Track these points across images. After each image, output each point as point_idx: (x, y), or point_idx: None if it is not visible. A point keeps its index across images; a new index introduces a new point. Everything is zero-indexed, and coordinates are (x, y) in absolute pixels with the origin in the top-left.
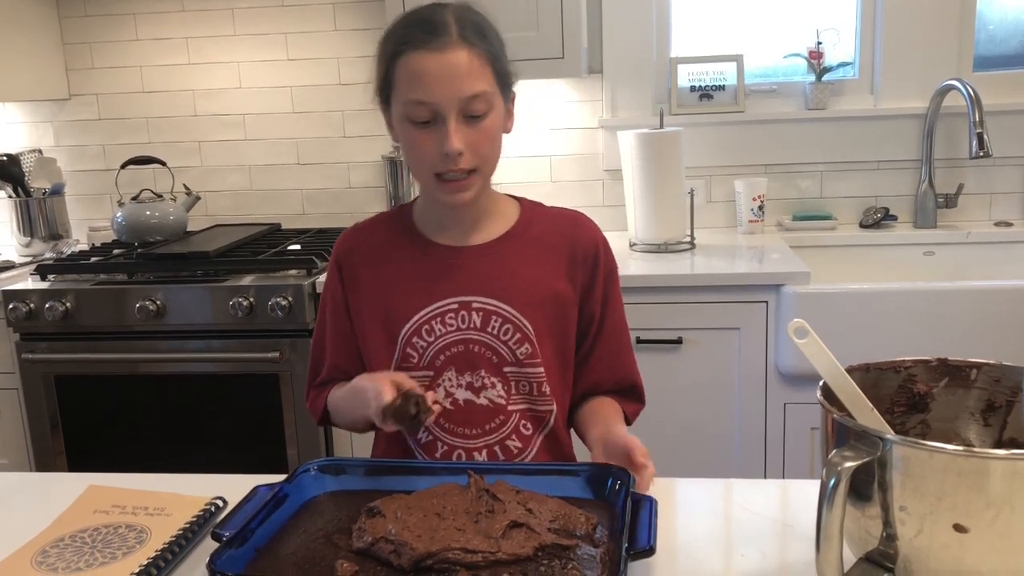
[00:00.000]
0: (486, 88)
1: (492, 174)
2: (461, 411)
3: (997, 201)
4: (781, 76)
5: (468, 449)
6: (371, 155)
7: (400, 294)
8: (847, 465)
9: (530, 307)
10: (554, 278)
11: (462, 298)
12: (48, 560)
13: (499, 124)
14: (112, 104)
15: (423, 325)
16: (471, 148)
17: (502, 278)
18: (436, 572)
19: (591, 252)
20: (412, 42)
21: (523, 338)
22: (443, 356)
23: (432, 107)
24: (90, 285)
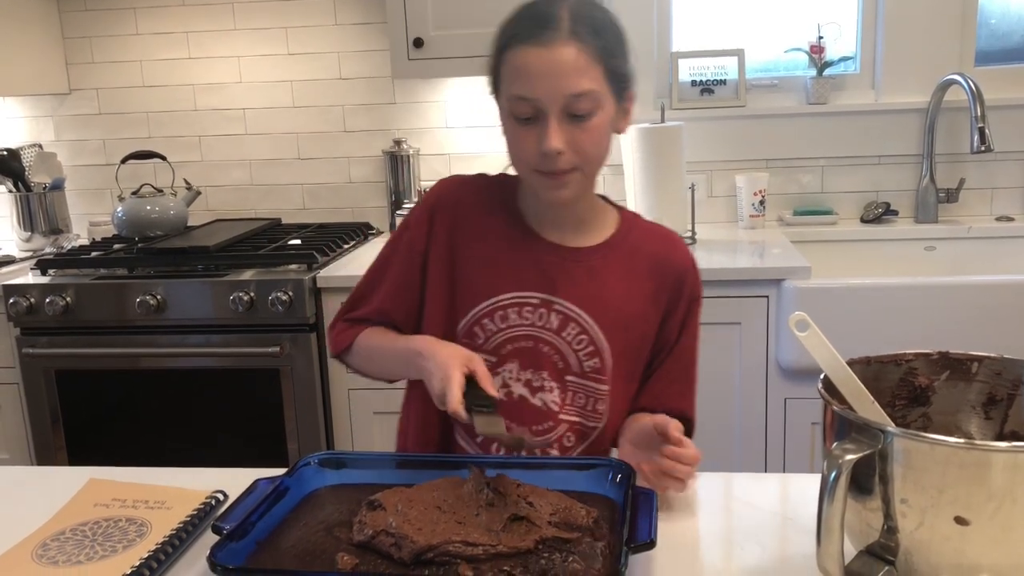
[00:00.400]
0: (592, 87)
1: (595, 175)
2: (514, 406)
3: (998, 196)
4: (782, 70)
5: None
6: (372, 150)
7: (486, 271)
8: (848, 458)
9: (611, 324)
10: (640, 298)
11: (546, 296)
12: (49, 553)
13: (606, 125)
14: (112, 99)
15: (499, 310)
16: (572, 147)
17: (591, 288)
18: (436, 565)
19: (679, 276)
20: (520, 35)
21: (595, 352)
22: (510, 347)
23: (534, 104)
24: (90, 280)
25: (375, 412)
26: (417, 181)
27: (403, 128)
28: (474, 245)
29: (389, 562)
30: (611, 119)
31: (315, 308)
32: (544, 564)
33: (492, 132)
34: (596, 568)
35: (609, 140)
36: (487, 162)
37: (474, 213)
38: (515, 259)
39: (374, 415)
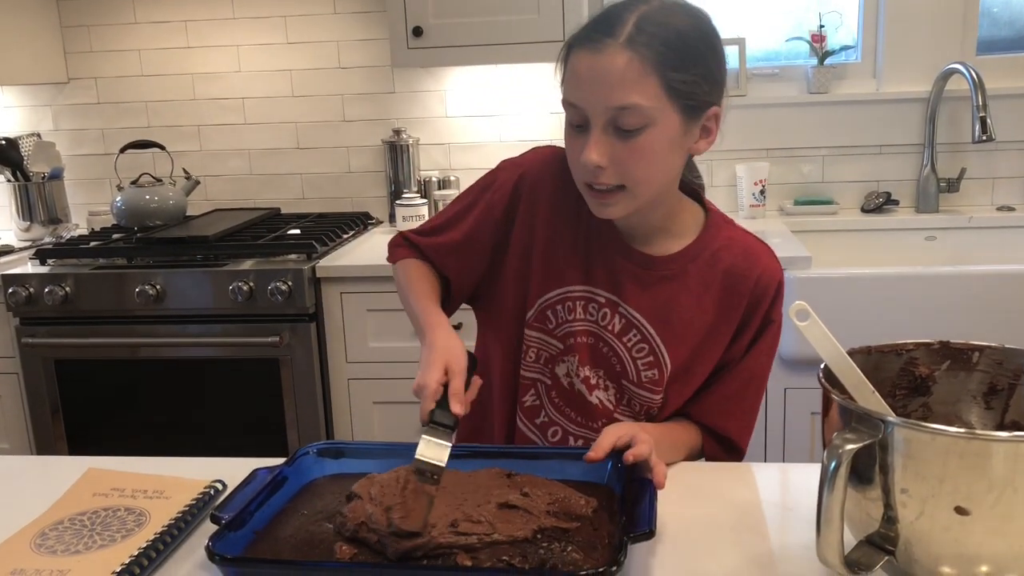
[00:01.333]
0: (641, 101)
1: (649, 196)
2: (573, 396)
3: (999, 186)
4: (783, 59)
5: (566, 431)
6: (371, 139)
7: (561, 257)
8: (848, 447)
9: (675, 337)
10: (711, 313)
11: (614, 297)
12: (47, 543)
13: (660, 144)
14: (111, 88)
15: (566, 300)
16: (616, 164)
17: (659, 298)
18: (431, 557)
19: (757, 297)
20: (581, 38)
21: (654, 363)
22: (573, 340)
23: (581, 111)
24: (89, 270)
25: (375, 402)
26: (417, 171)
27: (403, 117)
28: (553, 228)
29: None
30: (672, 138)
31: (315, 298)
32: (543, 553)
33: (492, 121)
34: (595, 558)
35: (668, 161)
36: (487, 152)
37: (559, 194)
38: (588, 252)
39: (374, 405)
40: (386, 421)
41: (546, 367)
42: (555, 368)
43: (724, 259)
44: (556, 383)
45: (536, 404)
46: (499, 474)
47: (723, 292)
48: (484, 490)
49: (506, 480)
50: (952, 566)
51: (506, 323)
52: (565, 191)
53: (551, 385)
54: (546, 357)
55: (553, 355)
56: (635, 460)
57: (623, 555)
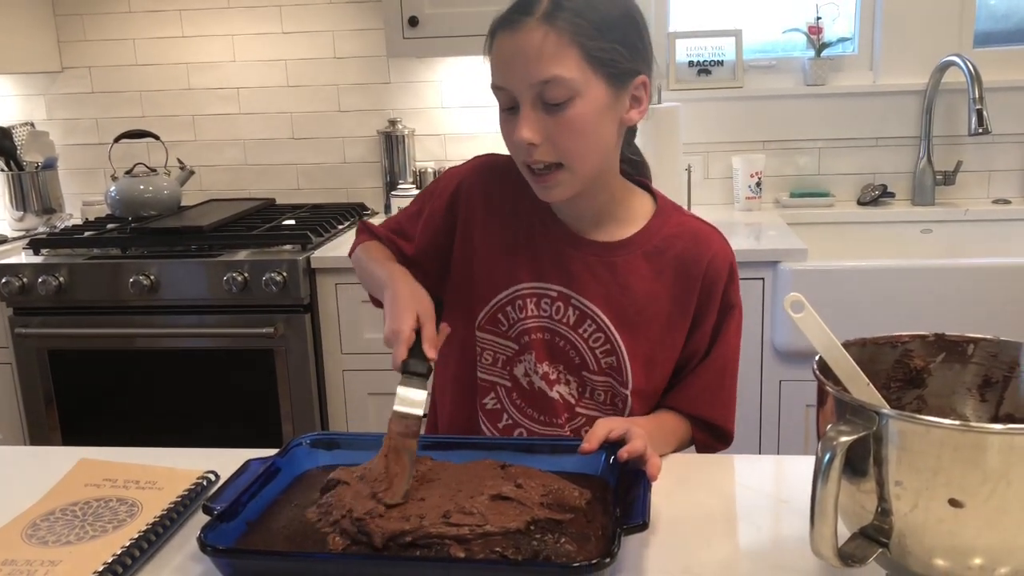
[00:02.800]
0: (562, 73)
1: (589, 172)
2: (534, 395)
3: (996, 179)
4: (780, 51)
5: (531, 431)
6: (367, 130)
7: (507, 259)
8: (843, 439)
9: (629, 325)
10: (664, 300)
11: (565, 290)
12: (39, 533)
13: (589, 115)
14: (105, 77)
15: (518, 299)
16: (549, 139)
17: (610, 285)
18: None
19: (711, 280)
20: (501, 21)
21: (611, 351)
22: (528, 337)
23: (508, 93)
24: (83, 260)
25: (370, 393)
26: (412, 162)
27: (398, 108)
28: (496, 231)
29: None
30: (601, 108)
31: (309, 289)
32: (536, 545)
33: (488, 112)
34: (589, 549)
35: (601, 132)
36: (483, 143)
37: (499, 197)
38: (536, 248)
39: (369, 396)
40: (381, 412)
41: (504, 369)
42: (513, 370)
43: (675, 245)
44: (516, 384)
45: (497, 408)
46: (493, 466)
47: (676, 278)
48: (477, 481)
49: (500, 472)
50: (946, 558)
51: (459, 330)
52: (501, 193)
53: (511, 387)
54: (503, 360)
55: (509, 357)
56: (629, 457)
57: (617, 546)
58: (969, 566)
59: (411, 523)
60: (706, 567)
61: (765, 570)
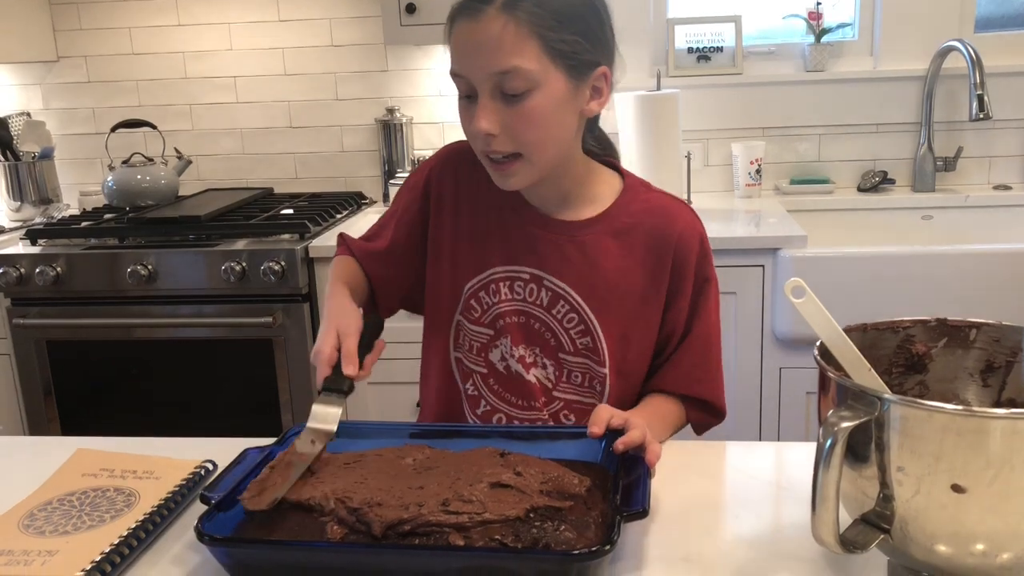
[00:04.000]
0: (521, 64)
1: (547, 162)
2: (511, 379)
3: (996, 164)
4: (780, 37)
5: (510, 416)
6: (364, 118)
7: (478, 244)
8: (844, 425)
9: (601, 303)
10: (636, 276)
11: (537, 271)
12: (35, 523)
13: (548, 106)
14: (101, 66)
15: (490, 284)
16: (507, 130)
17: (580, 265)
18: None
19: (682, 255)
20: (460, 8)
21: (585, 331)
22: (503, 321)
23: (467, 81)
24: (81, 250)
25: (369, 383)
26: (410, 150)
27: (396, 96)
28: (466, 216)
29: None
30: (560, 100)
31: (308, 278)
32: (536, 532)
33: None
34: (588, 537)
35: (559, 124)
36: None
37: (467, 183)
38: (506, 231)
39: (368, 385)
40: (380, 401)
41: (480, 356)
42: (489, 355)
43: (644, 221)
44: (492, 370)
45: (476, 394)
46: (492, 453)
47: (647, 254)
48: (476, 469)
49: (499, 459)
50: (948, 544)
51: (436, 321)
52: (469, 180)
53: (487, 373)
54: (478, 346)
55: (484, 343)
56: (625, 448)
57: (616, 534)
58: (971, 552)
59: (410, 511)
60: (706, 554)
61: (766, 557)
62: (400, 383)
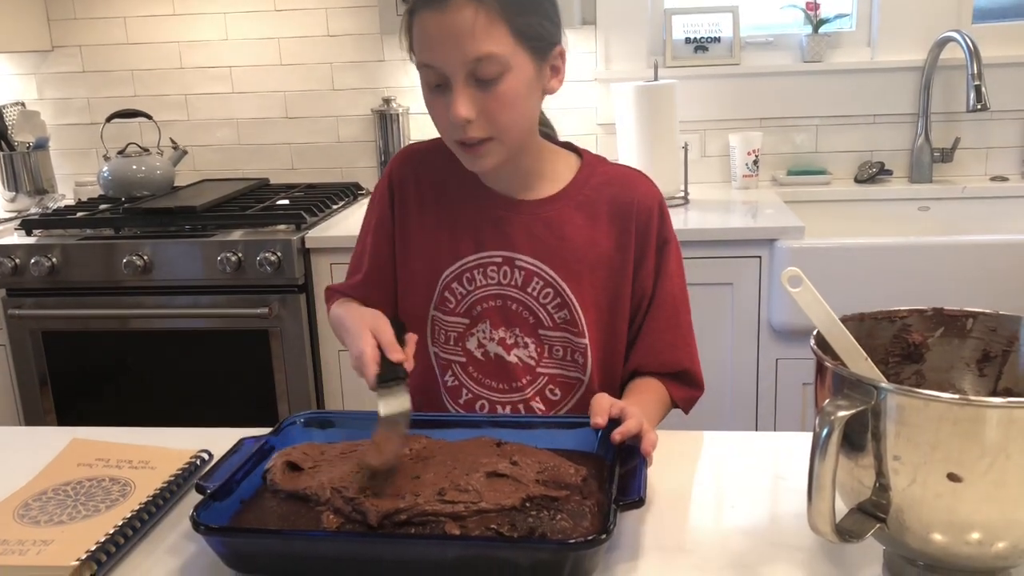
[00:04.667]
0: (494, 49)
1: (517, 141)
2: (491, 364)
3: (993, 155)
4: (777, 28)
5: (492, 402)
6: (361, 109)
7: (447, 236)
8: (841, 414)
9: (573, 274)
10: (604, 245)
11: (507, 253)
12: (30, 513)
13: (519, 88)
14: (96, 56)
15: (464, 273)
16: (483, 115)
17: (548, 240)
18: (418, 525)
19: (643, 219)
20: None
21: (562, 304)
22: (480, 307)
23: (438, 71)
24: (76, 240)
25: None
26: (407, 140)
27: (392, 86)
28: (432, 212)
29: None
30: (528, 81)
31: (304, 269)
32: (532, 522)
33: None
34: (584, 526)
35: (528, 104)
36: None
37: (427, 180)
38: (472, 219)
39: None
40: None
41: (457, 346)
42: (466, 344)
43: (604, 191)
44: (471, 358)
45: (456, 384)
46: (488, 443)
47: (610, 222)
48: (473, 459)
49: (495, 449)
50: (944, 533)
51: (415, 317)
52: (427, 176)
53: (466, 362)
54: (454, 336)
55: (460, 332)
56: (622, 439)
57: (613, 523)
58: (967, 541)
59: (406, 501)
60: (702, 544)
61: (762, 546)
62: None
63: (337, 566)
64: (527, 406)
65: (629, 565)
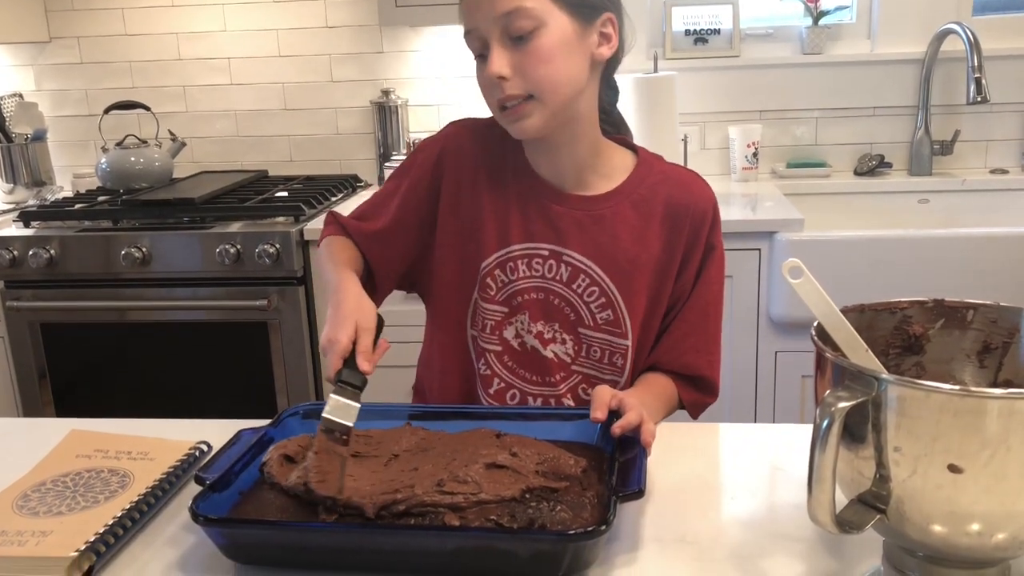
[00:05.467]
0: (524, 3)
1: (559, 103)
2: (527, 356)
3: (993, 148)
4: (777, 20)
5: (525, 393)
6: (359, 100)
7: (494, 222)
8: (841, 405)
9: (622, 274)
10: (655, 247)
11: (556, 247)
12: (29, 504)
13: (556, 45)
14: (94, 47)
15: (508, 262)
16: (518, 71)
17: (600, 238)
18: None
19: (696, 223)
20: None
21: (607, 303)
22: (521, 298)
23: (478, 35)
24: (74, 232)
25: None
26: (406, 132)
27: (391, 78)
28: (482, 195)
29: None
30: (567, 39)
31: (303, 261)
32: (531, 513)
33: None
34: (584, 517)
35: (569, 63)
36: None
37: (481, 161)
38: (523, 209)
39: None
40: (375, 385)
41: (493, 334)
42: (503, 333)
43: (660, 192)
44: (507, 347)
45: (488, 373)
46: (488, 434)
47: (663, 225)
48: (472, 450)
49: (495, 440)
50: (944, 524)
51: (449, 300)
52: (486, 158)
53: (501, 351)
54: (492, 324)
55: (498, 321)
56: (622, 432)
57: (612, 514)
58: (967, 532)
59: (403, 493)
60: (702, 535)
61: (762, 538)
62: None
63: (336, 557)
64: (559, 402)
65: (628, 556)
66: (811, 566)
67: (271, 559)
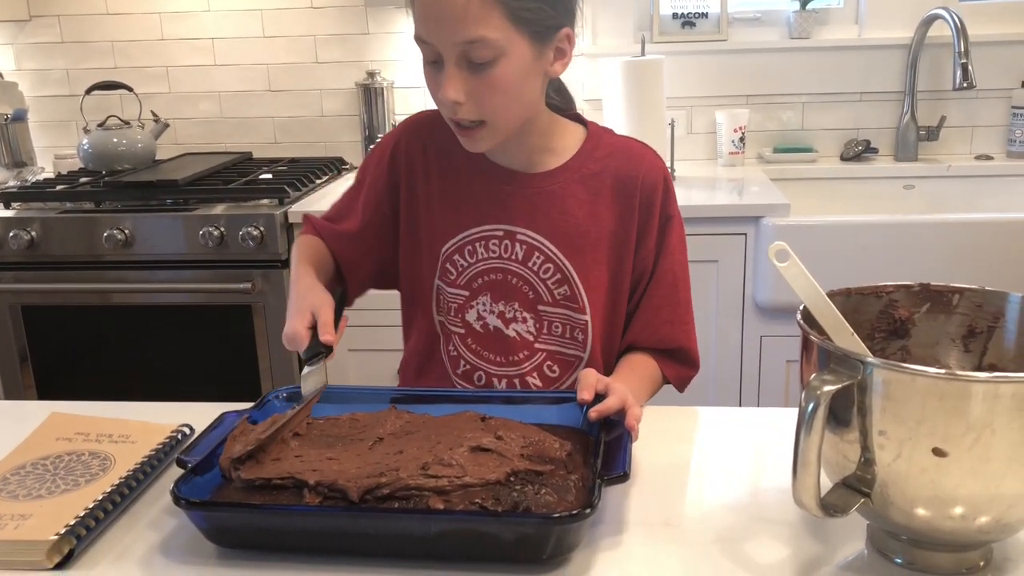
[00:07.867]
0: (487, 34)
1: (511, 126)
2: (489, 337)
3: (979, 134)
4: (765, 4)
5: (490, 374)
6: (345, 82)
7: (451, 208)
8: (827, 389)
9: (575, 249)
10: (607, 220)
11: (508, 227)
12: (8, 487)
13: (513, 74)
14: (75, 26)
15: (466, 245)
16: (473, 99)
17: (551, 214)
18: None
19: (647, 194)
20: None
21: (563, 279)
22: (480, 280)
23: (433, 47)
24: (56, 214)
25: (350, 349)
26: (391, 115)
27: (377, 60)
28: (434, 183)
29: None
30: (525, 66)
31: (287, 244)
32: (516, 496)
33: None
34: (569, 500)
35: (524, 89)
36: None
37: (432, 151)
38: (475, 192)
39: (349, 352)
40: (360, 368)
41: (456, 317)
42: (465, 316)
43: (609, 165)
44: (469, 330)
45: (455, 355)
46: (473, 418)
47: (614, 197)
48: (457, 433)
49: (480, 424)
50: (927, 508)
51: (416, 287)
52: (435, 145)
53: (465, 333)
54: (455, 307)
55: (460, 304)
56: (598, 417)
57: (597, 498)
58: (950, 516)
59: (388, 476)
60: (686, 518)
61: (746, 521)
62: (380, 350)
63: (320, 540)
64: (523, 381)
65: (613, 540)
66: (796, 549)
67: (254, 543)
